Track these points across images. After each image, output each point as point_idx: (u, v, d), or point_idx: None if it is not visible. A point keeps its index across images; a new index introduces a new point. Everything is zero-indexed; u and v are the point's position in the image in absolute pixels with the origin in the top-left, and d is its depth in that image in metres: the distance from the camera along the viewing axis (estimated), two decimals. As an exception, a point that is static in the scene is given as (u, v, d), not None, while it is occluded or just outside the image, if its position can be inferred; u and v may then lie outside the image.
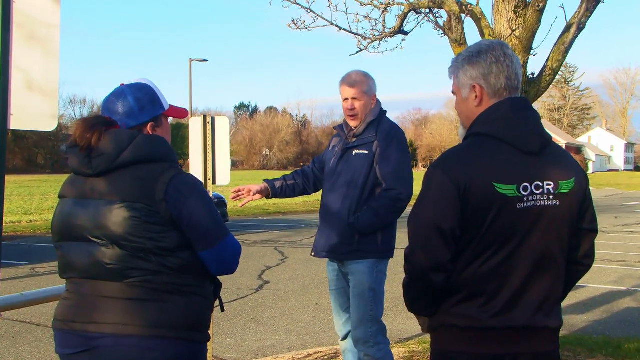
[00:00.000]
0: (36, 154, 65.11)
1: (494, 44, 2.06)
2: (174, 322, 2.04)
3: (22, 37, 2.69)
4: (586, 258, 2.13)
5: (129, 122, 2.15)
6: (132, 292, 2.03)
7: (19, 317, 6.81)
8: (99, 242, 2.04)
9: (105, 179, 2.07)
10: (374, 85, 3.67)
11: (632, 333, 6.23)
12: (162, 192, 2.03)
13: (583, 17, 4.41)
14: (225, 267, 2.17)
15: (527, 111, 2.01)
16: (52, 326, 2.19)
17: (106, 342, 2.01)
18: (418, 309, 2.08)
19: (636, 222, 19.67)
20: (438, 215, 1.91)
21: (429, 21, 5.15)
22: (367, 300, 3.49)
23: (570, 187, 1.99)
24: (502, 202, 1.90)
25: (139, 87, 2.20)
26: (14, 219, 18.58)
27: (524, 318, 1.94)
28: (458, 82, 2.09)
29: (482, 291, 1.94)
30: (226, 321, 6.73)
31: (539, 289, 1.96)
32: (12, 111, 2.62)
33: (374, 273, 3.50)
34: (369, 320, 3.48)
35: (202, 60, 32.35)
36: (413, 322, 6.39)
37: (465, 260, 1.94)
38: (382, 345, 3.52)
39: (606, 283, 9.02)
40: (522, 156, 1.94)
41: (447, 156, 2.01)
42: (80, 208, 2.10)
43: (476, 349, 1.94)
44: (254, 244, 13.45)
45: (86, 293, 2.08)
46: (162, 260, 2.03)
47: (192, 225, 2.05)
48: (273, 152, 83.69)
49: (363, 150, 3.55)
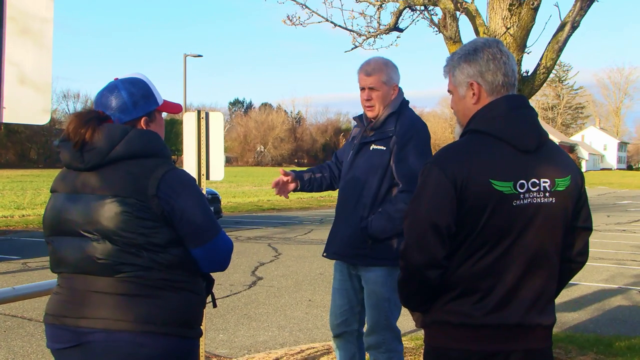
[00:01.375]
0: (29, 148, 64.82)
1: (489, 41, 2.06)
2: (165, 318, 2.04)
3: (15, 31, 2.67)
4: (580, 256, 2.14)
5: (122, 117, 2.14)
6: (124, 287, 2.02)
7: (11, 311, 6.79)
8: (90, 237, 2.04)
9: (97, 174, 2.06)
10: (396, 74, 3.39)
11: (622, 331, 6.26)
12: (154, 187, 2.02)
13: (577, 15, 4.42)
14: (217, 264, 2.17)
15: (525, 109, 2.02)
16: (43, 321, 2.18)
17: (97, 337, 2.01)
18: (412, 305, 2.09)
19: (628, 221, 19.78)
20: (434, 211, 1.91)
21: (423, 18, 5.16)
22: (382, 310, 3.32)
23: (566, 185, 2.00)
24: (498, 199, 1.90)
25: (132, 82, 2.19)
26: (6, 214, 18.52)
27: (517, 315, 1.95)
28: (454, 81, 2.09)
29: (476, 288, 1.94)
30: (219, 317, 6.73)
31: (532, 287, 1.97)
32: (4, 104, 2.60)
33: (388, 282, 3.26)
34: (383, 329, 3.34)
35: (196, 55, 32.23)
36: (406, 319, 6.30)
37: (460, 257, 1.94)
38: (393, 353, 3.36)
39: (598, 281, 9.06)
40: (519, 154, 1.95)
41: (444, 153, 2.01)
42: (71, 203, 2.09)
43: (469, 346, 1.95)
44: (247, 240, 13.44)
45: (77, 288, 2.07)
46: (153, 256, 2.02)
47: (184, 221, 2.04)
48: (267, 149, 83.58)
49: (380, 145, 3.29)
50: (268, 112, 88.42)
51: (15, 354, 5.44)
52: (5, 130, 57.51)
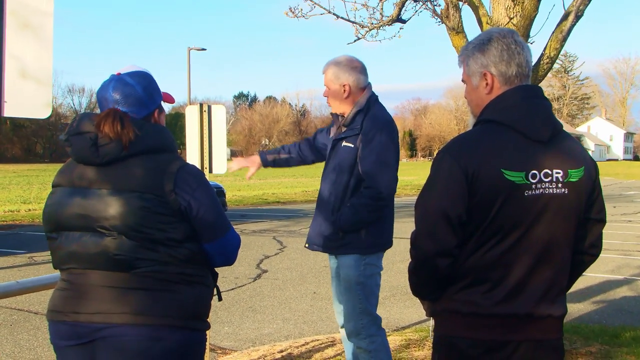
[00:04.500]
0: (35, 143, 65.09)
1: (504, 31, 2.04)
2: (181, 312, 2.04)
3: (16, 24, 2.67)
4: (593, 248, 2.12)
5: (140, 112, 2.10)
6: (141, 282, 2.00)
7: (17, 305, 6.83)
8: (105, 233, 2.00)
9: (112, 168, 2.02)
10: (347, 73, 3.43)
11: (628, 322, 6.25)
12: (172, 182, 2.00)
13: (581, 4, 4.39)
14: (226, 259, 2.18)
15: (538, 99, 1.99)
16: (47, 317, 2.14)
17: (114, 332, 1.99)
18: (422, 293, 2.08)
19: (634, 212, 19.70)
20: (445, 201, 1.90)
21: (426, 9, 5.14)
22: (355, 294, 3.42)
23: (580, 176, 1.98)
24: (510, 189, 1.88)
25: (142, 76, 2.15)
26: (13, 208, 18.61)
27: (527, 306, 1.94)
28: (468, 70, 2.07)
29: (486, 278, 1.93)
30: (224, 310, 6.75)
31: (543, 278, 1.95)
32: (5, 98, 2.61)
33: (360, 266, 3.40)
34: (359, 313, 3.42)
35: (200, 49, 32.21)
36: (410, 311, 6.52)
37: (471, 246, 1.93)
38: (375, 337, 3.44)
39: (603, 272, 9.04)
40: (532, 144, 1.93)
41: (456, 142, 1.99)
42: (82, 197, 2.04)
43: (479, 335, 1.94)
44: (252, 233, 13.46)
45: (89, 283, 2.03)
46: (170, 251, 2.01)
47: (200, 216, 2.04)
48: (272, 142, 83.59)
49: (349, 142, 3.41)
50: (273, 105, 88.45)
51: (21, 347, 5.47)
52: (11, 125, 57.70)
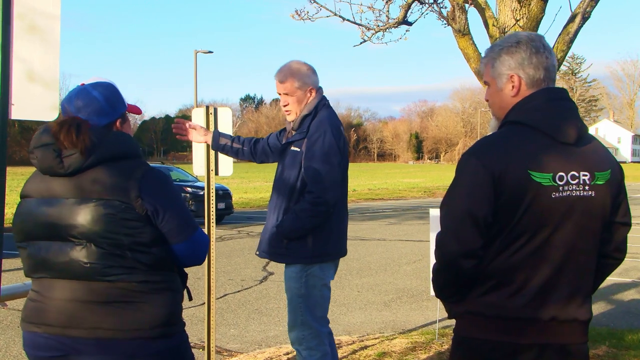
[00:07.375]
0: (42, 146, 65.21)
1: (532, 35, 2.03)
2: (152, 321, 2.07)
3: (23, 27, 2.69)
4: (617, 252, 2.10)
5: (100, 121, 2.16)
6: (110, 294, 2.04)
7: (25, 307, 6.84)
8: (74, 241, 2.05)
9: (78, 178, 2.07)
10: (309, 78, 3.37)
11: (635, 324, 6.22)
12: (137, 188, 2.05)
13: (588, 6, 4.38)
14: (197, 258, 2.21)
15: (564, 101, 1.98)
16: (21, 327, 2.18)
17: (88, 347, 2.03)
18: (446, 294, 2.05)
19: (642, 214, 19.57)
20: (471, 202, 1.89)
21: (432, 11, 5.14)
22: (297, 306, 3.37)
23: (606, 179, 1.96)
24: (536, 190, 1.87)
25: (104, 86, 2.22)
26: (21, 211, 18.62)
27: (552, 309, 1.91)
28: (493, 72, 2.05)
29: (511, 280, 1.91)
30: (230, 312, 6.75)
31: (568, 281, 1.93)
32: (13, 101, 2.62)
33: (302, 278, 3.32)
34: (300, 325, 3.37)
35: (207, 52, 32.30)
36: (416, 313, 6.44)
37: (496, 248, 1.91)
38: (313, 350, 3.38)
39: (611, 274, 8.99)
40: (558, 146, 1.91)
41: (482, 144, 1.98)
42: (50, 207, 2.09)
43: (502, 338, 1.92)
44: (258, 236, 13.45)
45: (59, 297, 2.08)
46: (137, 257, 2.05)
47: (167, 219, 2.08)
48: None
49: (297, 147, 3.35)
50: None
51: (28, 349, 5.49)
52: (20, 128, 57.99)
